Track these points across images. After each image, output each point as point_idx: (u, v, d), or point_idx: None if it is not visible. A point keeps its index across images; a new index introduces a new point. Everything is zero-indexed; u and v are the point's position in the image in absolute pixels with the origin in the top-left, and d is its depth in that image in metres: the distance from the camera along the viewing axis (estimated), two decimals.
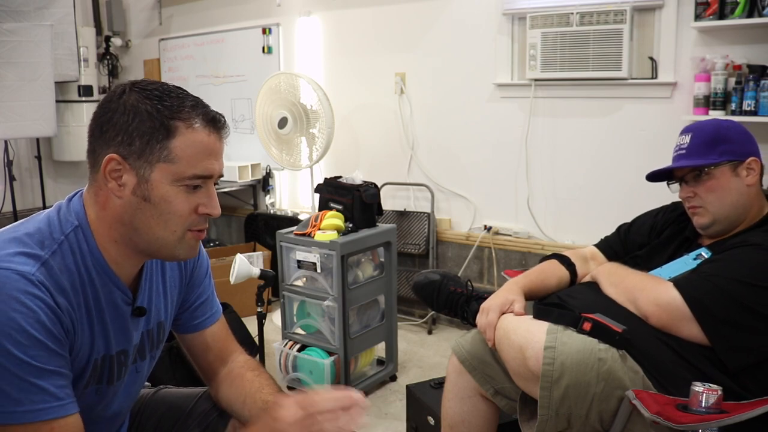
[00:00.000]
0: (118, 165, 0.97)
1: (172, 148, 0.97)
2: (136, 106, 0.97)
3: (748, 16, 2.41)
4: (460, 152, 3.46)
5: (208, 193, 1.03)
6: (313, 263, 2.57)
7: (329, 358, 2.57)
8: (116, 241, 1.02)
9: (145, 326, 1.15)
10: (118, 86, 1.01)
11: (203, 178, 1.01)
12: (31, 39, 3.80)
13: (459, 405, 1.70)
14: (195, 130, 0.99)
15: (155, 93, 0.98)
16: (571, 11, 2.87)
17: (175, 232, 1.02)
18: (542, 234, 3.21)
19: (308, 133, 3.37)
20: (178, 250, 1.04)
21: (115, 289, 1.05)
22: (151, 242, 1.02)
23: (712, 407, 1.19)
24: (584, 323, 1.35)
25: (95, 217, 1.02)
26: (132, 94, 0.98)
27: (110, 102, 0.99)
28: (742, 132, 1.53)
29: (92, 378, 1.04)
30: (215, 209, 1.04)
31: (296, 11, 3.98)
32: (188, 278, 1.24)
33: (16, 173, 4.42)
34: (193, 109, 0.99)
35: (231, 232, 4.58)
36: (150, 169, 0.97)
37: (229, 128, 1.06)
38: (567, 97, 3.06)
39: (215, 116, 1.02)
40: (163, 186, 0.98)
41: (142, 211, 0.99)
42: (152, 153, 0.97)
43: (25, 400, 0.89)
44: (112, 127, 0.97)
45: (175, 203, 0.99)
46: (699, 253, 1.50)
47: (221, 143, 1.03)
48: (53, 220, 1.00)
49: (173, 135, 0.97)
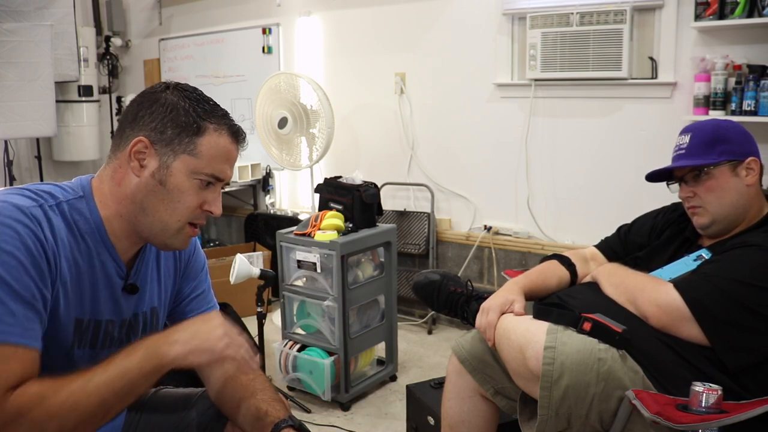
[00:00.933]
0: (144, 148, 1.07)
1: (198, 144, 1.08)
2: (176, 102, 1.08)
3: (748, 16, 2.42)
4: (460, 152, 3.46)
5: (215, 193, 1.13)
6: (313, 263, 2.57)
7: (329, 358, 2.57)
8: (121, 215, 1.09)
9: (139, 308, 1.19)
10: (163, 83, 1.13)
11: (216, 179, 1.11)
12: (31, 39, 3.80)
13: (459, 405, 1.70)
14: (221, 135, 1.10)
15: (194, 96, 1.10)
16: (571, 11, 2.87)
17: (179, 221, 1.10)
18: (542, 234, 3.22)
19: (308, 133, 3.37)
20: (174, 239, 1.12)
21: (109, 259, 1.11)
22: (153, 225, 1.09)
23: (712, 407, 1.19)
24: (584, 323, 1.35)
25: (108, 191, 1.09)
26: (174, 92, 1.09)
27: (153, 93, 1.10)
28: (741, 132, 1.53)
29: (78, 338, 1.08)
30: (218, 209, 1.13)
31: (296, 11, 3.98)
32: (183, 270, 1.29)
33: (16, 173, 4.42)
34: (223, 118, 1.12)
35: (231, 232, 4.58)
36: (174, 158, 1.07)
37: (247, 144, 1.17)
38: (567, 97, 3.07)
39: (239, 129, 1.14)
40: (181, 176, 1.08)
41: (155, 193, 1.08)
42: (180, 144, 1.07)
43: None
44: (149, 114, 1.07)
45: (187, 194, 1.09)
46: (699, 254, 1.50)
47: (237, 153, 1.15)
48: (56, 188, 1.08)
49: (202, 133, 1.08)
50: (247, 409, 1.19)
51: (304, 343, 2.71)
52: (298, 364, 2.66)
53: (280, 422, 1.14)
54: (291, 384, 2.73)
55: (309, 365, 2.62)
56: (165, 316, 1.27)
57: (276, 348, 2.74)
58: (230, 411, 1.23)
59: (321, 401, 2.62)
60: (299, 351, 2.68)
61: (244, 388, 1.22)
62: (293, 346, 2.71)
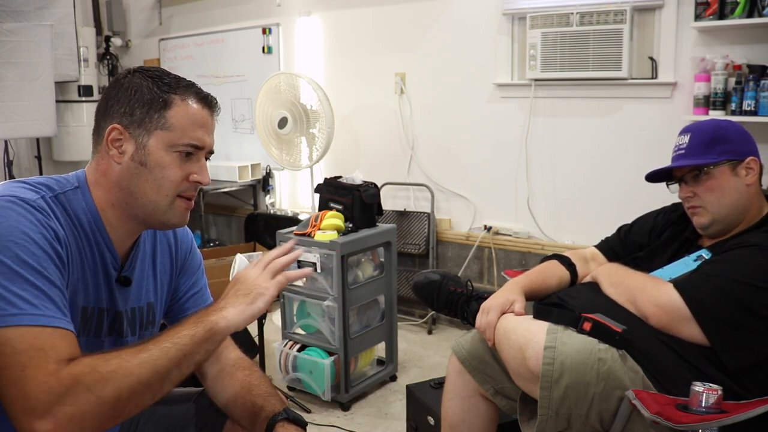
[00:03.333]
0: (119, 134, 1.09)
1: (168, 117, 1.09)
2: (139, 83, 1.09)
3: (748, 16, 2.42)
4: (460, 152, 3.46)
5: (199, 163, 1.13)
6: (313, 263, 2.57)
7: (329, 358, 2.57)
8: (113, 204, 1.11)
9: (135, 302, 1.20)
10: (123, 71, 1.15)
11: (195, 147, 1.12)
12: (31, 39, 3.79)
13: (459, 405, 1.70)
14: (189, 104, 1.11)
15: (155, 73, 1.11)
16: (571, 11, 2.87)
17: (167, 196, 1.11)
18: (542, 234, 3.22)
19: (308, 133, 3.37)
20: (168, 215, 1.13)
21: (105, 250, 1.12)
22: (145, 206, 1.11)
23: (712, 407, 1.19)
24: (584, 323, 1.35)
25: (95, 183, 1.11)
26: (135, 75, 1.11)
27: (116, 82, 1.12)
28: (741, 132, 1.53)
29: (83, 326, 1.09)
30: (205, 178, 1.14)
31: (296, 11, 3.98)
32: (179, 267, 1.30)
33: (16, 173, 4.42)
34: (188, 88, 1.12)
35: (231, 232, 4.58)
36: (148, 136, 1.08)
37: (220, 108, 1.18)
38: (567, 97, 3.07)
39: (207, 95, 1.15)
40: (159, 152, 1.09)
41: (138, 175, 1.09)
42: (150, 121, 1.08)
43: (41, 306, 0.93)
44: (117, 101, 1.09)
45: (169, 168, 1.10)
46: (699, 255, 1.50)
47: (212, 120, 1.15)
48: (51, 180, 1.09)
49: (170, 106, 1.09)
50: (243, 404, 1.19)
51: (304, 343, 2.71)
52: (298, 364, 2.66)
53: (276, 415, 1.15)
54: (291, 384, 2.73)
55: (309, 365, 2.62)
56: (162, 313, 1.28)
57: (276, 348, 2.74)
58: (227, 406, 1.23)
59: (321, 401, 2.62)
60: (299, 351, 2.68)
61: (240, 383, 1.22)
62: (293, 346, 2.71)
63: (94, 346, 1.12)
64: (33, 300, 0.92)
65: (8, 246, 0.93)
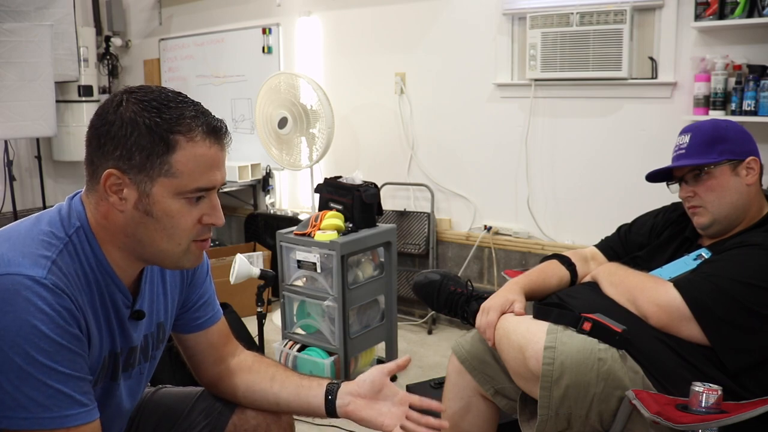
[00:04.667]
0: (118, 180, 0.96)
1: (173, 162, 0.95)
2: (134, 119, 0.94)
3: (748, 16, 2.41)
4: (460, 152, 3.45)
5: (211, 203, 1.02)
6: (313, 263, 2.57)
7: (329, 358, 2.57)
8: (120, 248, 1.02)
9: (147, 329, 1.15)
10: (115, 96, 0.98)
11: (206, 190, 1.00)
12: (31, 39, 3.79)
13: (459, 405, 1.70)
14: (196, 144, 0.96)
15: (153, 104, 0.95)
16: (571, 11, 2.87)
17: (180, 244, 1.01)
18: (542, 234, 3.22)
19: (308, 133, 3.37)
20: (183, 261, 1.05)
21: (116, 291, 1.04)
22: (156, 254, 1.02)
23: (712, 407, 1.19)
24: (584, 323, 1.35)
25: (97, 224, 1.01)
26: (129, 106, 0.95)
27: (107, 113, 0.96)
28: (741, 131, 1.53)
29: (101, 375, 1.05)
30: (219, 219, 1.03)
31: (296, 11, 3.98)
32: (189, 279, 1.25)
33: (16, 173, 4.42)
34: (194, 120, 0.97)
35: (231, 232, 4.58)
36: (151, 183, 0.96)
37: (230, 136, 1.04)
38: (567, 97, 3.06)
39: (216, 126, 1.00)
40: (165, 200, 0.97)
41: (145, 225, 0.98)
42: (153, 168, 0.95)
43: (53, 407, 0.89)
44: (110, 140, 0.95)
45: (178, 217, 0.99)
46: (699, 254, 1.50)
47: (223, 153, 1.02)
48: (55, 221, 0.99)
49: (174, 149, 0.95)
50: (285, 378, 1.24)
51: (304, 343, 2.71)
52: (298, 364, 2.66)
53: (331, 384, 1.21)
54: None
55: (309, 365, 2.62)
56: (171, 327, 1.24)
57: (276, 348, 2.74)
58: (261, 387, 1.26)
59: None
60: (299, 351, 2.68)
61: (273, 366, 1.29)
62: (293, 346, 2.71)
63: (110, 390, 1.09)
64: (45, 401, 0.88)
65: (18, 342, 0.86)
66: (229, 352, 1.31)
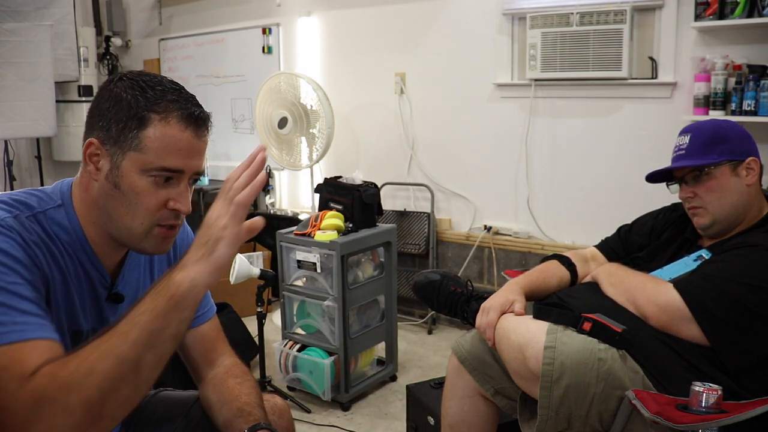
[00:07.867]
0: (96, 150, 1.01)
1: (142, 137, 0.98)
2: (120, 94, 0.99)
3: (748, 16, 2.42)
4: (460, 152, 3.46)
5: (179, 189, 1.03)
6: (313, 263, 2.57)
7: (329, 358, 2.57)
8: (94, 223, 1.04)
9: None
10: (115, 74, 1.05)
11: (172, 171, 1.01)
12: (31, 39, 3.79)
13: (459, 405, 1.70)
14: (168, 124, 0.99)
15: (140, 84, 1.00)
16: (571, 11, 2.87)
17: (142, 224, 1.02)
18: (542, 234, 3.22)
19: (308, 133, 3.37)
20: (144, 243, 1.04)
21: (92, 268, 1.06)
22: (120, 230, 1.03)
23: (712, 407, 1.19)
24: (584, 323, 1.35)
25: (78, 198, 1.05)
26: (121, 83, 1.01)
27: (102, 89, 1.02)
28: (741, 132, 1.53)
29: None
30: (185, 206, 1.03)
31: (296, 11, 3.98)
32: None
33: (16, 173, 4.42)
34: (172, 103, 1.00)
35: None
36: (122, 156, 0.99)
37: (211, 127, 1.05)
38: (567, 97, 3.07)
39: (193, 113, 1.01)
40: (132, 175, 0.99)
41: (113, 197, 1.01)
42: (125, 140, 0.98)
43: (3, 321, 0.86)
44: (99, 112, 1.01)
45: (143, 194, 1.00)
46: (699, 255, 1.50)
47: (199, 141, 1.02)
48: (32, 197, 1.02)
49: (145, 126, 0.98)
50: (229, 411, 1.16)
51: (304, 343, 2.71)
52: (298, 364, 2.66)
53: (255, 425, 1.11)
54: (291, 384, 2.73)
55: (309, 365, 2.62)
56: None
57: (276, 348, 2.74)
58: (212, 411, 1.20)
59: (321, 401, 2.62)
60: (299, 351, 2.68)
61: (230, 390, 1.19)
62: (293, 346, 2.71)
63: None
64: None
65: None
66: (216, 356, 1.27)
